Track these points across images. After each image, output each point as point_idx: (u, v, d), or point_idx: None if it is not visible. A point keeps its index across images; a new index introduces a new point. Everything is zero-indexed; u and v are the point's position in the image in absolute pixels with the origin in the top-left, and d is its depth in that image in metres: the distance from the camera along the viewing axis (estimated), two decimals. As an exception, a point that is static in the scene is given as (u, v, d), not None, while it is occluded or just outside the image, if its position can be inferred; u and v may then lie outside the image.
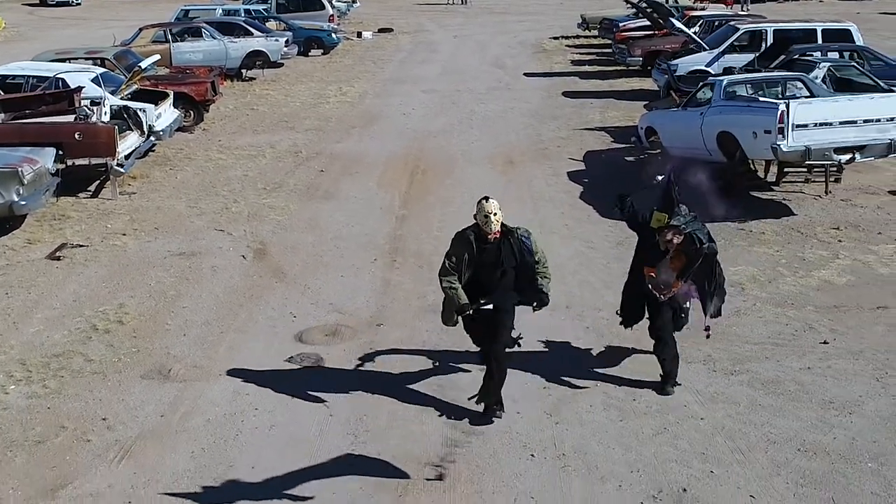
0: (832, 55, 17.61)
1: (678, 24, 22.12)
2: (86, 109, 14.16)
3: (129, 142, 14.68)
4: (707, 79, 16.08)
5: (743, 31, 20.97)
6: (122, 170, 14.03)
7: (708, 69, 19.97)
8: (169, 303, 10.01)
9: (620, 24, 30.01)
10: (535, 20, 43.23)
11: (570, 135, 18.32)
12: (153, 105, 15.68)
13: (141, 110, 15.22)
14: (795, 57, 16.43)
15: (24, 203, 11.98)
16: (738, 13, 32.00)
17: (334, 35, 32.25)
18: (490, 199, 7.23)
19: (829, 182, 13.52)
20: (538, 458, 6.94)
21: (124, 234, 12.31)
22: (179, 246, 11.86)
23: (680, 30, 21.93)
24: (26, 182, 11.93)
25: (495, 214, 7.17)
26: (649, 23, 26.42)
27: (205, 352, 8.82)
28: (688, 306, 8.07)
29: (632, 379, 8.11)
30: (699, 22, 25.82)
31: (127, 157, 14.39)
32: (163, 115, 15.94)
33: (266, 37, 26.85)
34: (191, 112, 18.82)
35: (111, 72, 17.36)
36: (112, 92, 15.45)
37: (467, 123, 19.71)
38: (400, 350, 8.78)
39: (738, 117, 13.23)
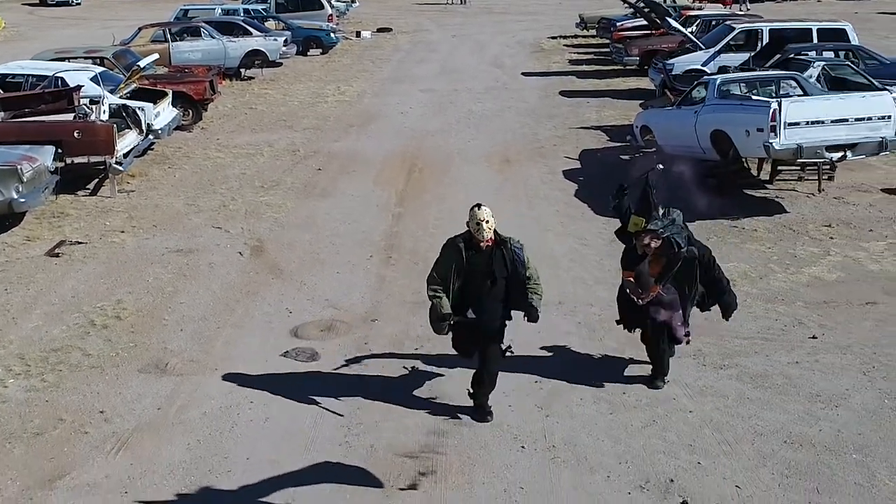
0: (827, 54, 17.68)
1: (675, 24, 22.21)
2: (85, 108, 14.26)
3: (128, 140, 14.79)
4: (702, 78, 16.18)
5: (739, 31, 21.06)
6: (121, 168, 14.13)
7: (704, 68, 20.05)
8: (166, 299, 10.12)
9: (618, 24, 30.08)
10: (534, 20, 43.29)
11: (567, 134, 18.42)
12: (152, 104, 15.80)
13: (140, 109, 15.33)
14: (790, 56, 16.52)
15: (24, 200, 12.09)
16: (737, 13, 32.08)
17: (333, 35, 32.30)
18: (482, 207, 7.04)
19: (822, 180, 13.63)
20: (528, 450, 7.05)
21: (122, 232, 12.42)
22: (177, 243, 11.96)
23: (677, 29, 22.01)
24: (26, 180, 12.04)
25: (487, 222, 6.98)
26: (646, 22, 26.53)
27: (201, 346, 8.93)
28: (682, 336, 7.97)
29: (622, 373, 8.22)
30: (696, 21, 25.90)
31: (125, 156, 14.47)
32: (161, 114, 16.05)
33: (265, 36, 26.96)
34: (189, 111, 18.93)
35: (110, 71, 17.45)
36: (111, 91, 15.54)
37: (464, 122, 19.79)
38: (394, 345, 8.89)
39: (732, 116, 13.33)
